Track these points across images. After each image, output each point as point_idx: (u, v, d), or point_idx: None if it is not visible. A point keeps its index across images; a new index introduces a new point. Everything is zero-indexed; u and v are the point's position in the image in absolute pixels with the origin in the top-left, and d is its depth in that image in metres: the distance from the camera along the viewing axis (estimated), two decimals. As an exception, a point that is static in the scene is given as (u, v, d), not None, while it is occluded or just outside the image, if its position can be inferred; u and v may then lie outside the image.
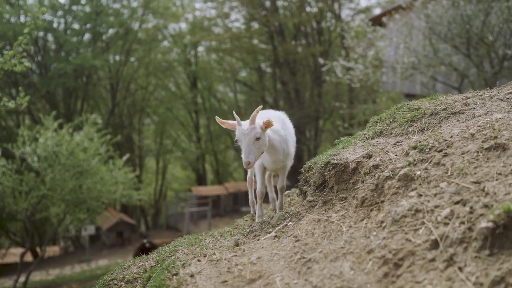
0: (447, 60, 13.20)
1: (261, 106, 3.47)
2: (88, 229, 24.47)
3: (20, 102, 8.83)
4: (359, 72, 17.18)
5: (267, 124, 3.50)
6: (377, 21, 17.39)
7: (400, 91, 17.50)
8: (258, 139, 3.41)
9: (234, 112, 3.51)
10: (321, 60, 20.13)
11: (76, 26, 34.35)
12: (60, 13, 32.56)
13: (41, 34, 31.31)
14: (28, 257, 25.57)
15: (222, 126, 3.67)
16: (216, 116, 3.69)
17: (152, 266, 3.38)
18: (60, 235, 33.03)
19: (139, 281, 3.24)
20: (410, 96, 17.16)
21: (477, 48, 12.80)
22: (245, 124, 3.50)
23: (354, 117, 29.26)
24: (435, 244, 2.23)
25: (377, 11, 31.01)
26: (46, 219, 20.87)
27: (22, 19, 29.87)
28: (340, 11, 33.41)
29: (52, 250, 31.55)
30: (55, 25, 32.85)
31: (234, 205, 34.11)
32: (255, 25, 35.56)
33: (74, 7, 32.85)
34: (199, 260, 3.02)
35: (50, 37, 33.33)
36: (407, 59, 14.36)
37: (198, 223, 29.81)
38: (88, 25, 33.86)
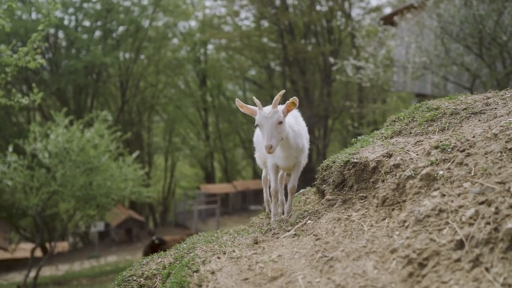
0: (459, 60, 13.10)
1: (283, 91, 3.45)
2: (98, 226, 24.59)
3: (34, 98, 8.87)
4: (369, 71, 17.12)
5: (289, 108, 3.48)
6: (388, 20, 17.31)
7: (411, 90, 17.43)
8: (280, 123, 3.37)
9: (254, 97, 3.49)
10: (331, 59, 20.07)
11: (86, 23, 34.55)
12: (71, 10, 32.74)
13: (52, 31, 31.49)
14: (38, 253, 25.75)
15: (241, 110, 3.63)
16: (237, 99, 3.66)
17: (171, 263, 3.39)
18: (69, 231, 33.23)
19: (158, 278, 3.25)
20: (421, 96, 17.09)
21: (490, 48, 12.70)
22: (267, 108, 3.48)
23: (363, 117, 29.18)
24: (460, 244, 2.22)
25: (387, 10, 30.90)
26: (56, 215, 21.00)
27: (34, 16, 30.07)
28: (350, 10, 33.34)
29: (61, 246, 31.77)
30: (66, 22, 33.06)
31: (243, 203, 34.15)
32: (265, 23, 35.54)
33: (85, 5, 33.04)
34: (219, 258, 3.03)
35: (61, 34, 33.54)
36: (418, 58, 14.28)
37: (207, 221, 29.87)
38: (99, 23, 34.03)
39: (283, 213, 4.16)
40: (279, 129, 3.38)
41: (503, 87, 12.42)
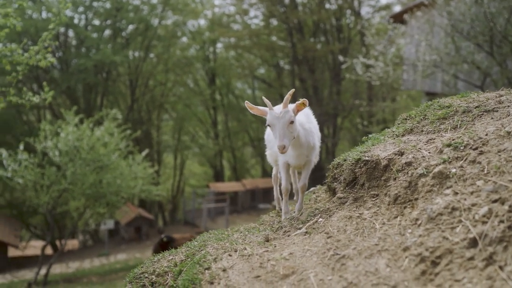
0: (470, 58, 13.02)
1: (293, 90, 3.44)
2: (107, 223, 24.69)
3: (44, 97, 8.93)
4: (379, 69, 17.06)
5: (299, 107, 3.47)
6: (398, 18, 17.23)
7: (421, 89, 17.35)
8: (292, 122, 3.36)
9: (263, 97, 3.48)
10: (340, 58, 20.00)
11: (96, 22, 34.71)
12: (81, 9, 32.91)
13: (62, 30, 31.68)
14: (48, 250, 25.92)
15: (251, 111, 3.62)
16: (246, 101, 3.66)
17: (182, 260, 3.40)
18: (79, 229, 33.43)
19: (169, 275, 3.26)
20: (431, 95, 17.01)
21: (501, 46, 12.60)
22: (277, 108, 3.47)
23: (373, 115, 29.08)
24: (473, 243, 2.21)
25: (397, 8, 30.76)
26: (66, 212, 21.13)
27: (44, 15, 30.25)
28: (360, 8, 33.20)
29: (71, 244, 31.95)
30: (76, 21, 33.23)
31: (252, 201, 34.16)
32: (274, 22, 35.50)
33: (95, 4, 33.19)
34: (230, 255, 3.03)
35: (71, 33, 33.73)
36: (428, 56, 14.22)
37: (216, 219, 29.90)
38: (109, 21, 34.17)
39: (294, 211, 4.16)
40: (291, 128, 3.37)
41: (515, 86, 12.32)
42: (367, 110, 26.98)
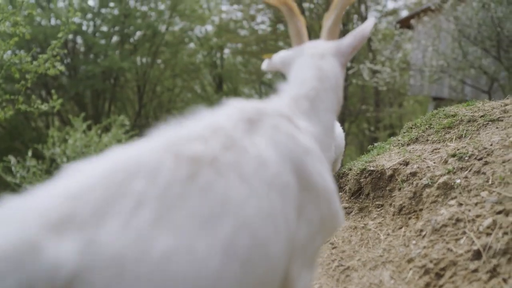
0: (477, 63, 13.00)
1: None
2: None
3: (53, 105, 9.00)
4: (386, 75, 17.04)
5: None
6: (405, 24, 17.25)
7: (428, 94, 17.32)
8: None
9: None
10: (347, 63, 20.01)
11: (104, 28, 34.86)
12: (89, 16, 33.10)
13: (70, 37, 31.86)
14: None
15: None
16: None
17: None
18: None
19: None
20: (438, 100, 16.97)
21: (508, 51, 12.57)
22: None
23: (380, 121, 29.02)
24: (477, 255, 2.21)
25: (404, 13, 30.71)
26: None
27: (53, 21, 30.47)
28: (367, 13, 33.18)
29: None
30: (84, 28, 33.40)
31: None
32: (281, 27, 35.54)
33: (103, 10, 33.37)
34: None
35: (79, 39, 33.90)
36: (435, 62, 14.20)
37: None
38: (116, 28, 34.33)
39: None
40: None
41: (522, 91, 12.27)
42: (374, 115, 26.93)
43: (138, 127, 32.60)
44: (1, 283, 0.87)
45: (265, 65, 2.22)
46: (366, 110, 25.76)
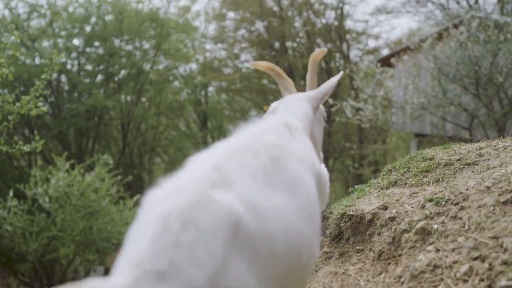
0: (457, 101, 13.27)
1: None
2: (97, 270, 24.26)
3: (35, 146, 8.96)
4: (368, 112, 17.27)
5: None
6: (385, 62, 17.59)
7: (410, 131, 17.55)
8: None
9: None
10: (330, 100, 20.25)
11: (89, 67, 35.00)
12: (74, 55, 33.25)
13: (55, 75, 31.87)
14: (37, 298, 25.33)
15: None
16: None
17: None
18: (68, 276, 32.77)
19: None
20: (420, 136, 17.20)
21: (486, 89, 12.88)
22: None
23: (364, 157, 29.23)
24: (455, 302, 2.23)
25: (385, 52, 31.37)
26: (55, 260, 20.78)
27: (37, 61, 30.51)
28: (348, 52, 33.84)
29: (61, 291, 31.23)
30: (68, 66, 33.49)
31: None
32: (264, 66, 35.98)
33: (88, 49, 33.57)
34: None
35: (63, 78, 33.93)
36: (416, 99, 14.45)
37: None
38: (101, 67, 34.48)
39: None
40: None
41: (501, 127, 12.52)
42: (358, 152, 27.14)
43: (122, 165, 32.43)
44: (212, 226, 1.27)
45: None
46: (350, 147, 25.96)
